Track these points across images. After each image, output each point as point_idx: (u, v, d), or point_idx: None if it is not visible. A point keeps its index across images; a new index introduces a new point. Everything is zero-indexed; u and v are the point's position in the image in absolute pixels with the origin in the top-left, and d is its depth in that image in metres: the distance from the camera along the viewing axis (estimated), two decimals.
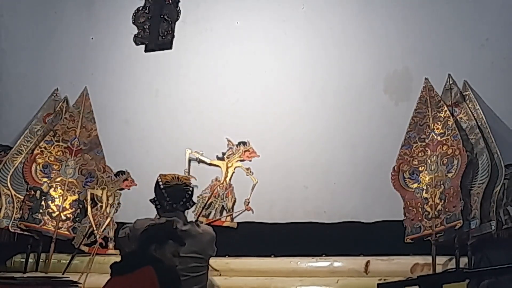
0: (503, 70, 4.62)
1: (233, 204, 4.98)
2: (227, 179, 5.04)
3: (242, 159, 5.04)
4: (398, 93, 4.91)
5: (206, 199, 4.99)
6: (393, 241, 4.45)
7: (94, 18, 6.10)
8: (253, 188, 4.95)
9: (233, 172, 5.05)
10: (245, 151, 5.04)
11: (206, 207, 4.96)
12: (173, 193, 4.24)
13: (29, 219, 5.16)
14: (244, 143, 5.09)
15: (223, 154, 5.11)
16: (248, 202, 4.93)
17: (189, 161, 5.13)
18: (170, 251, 3.64)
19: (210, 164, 5.14)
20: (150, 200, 4.29)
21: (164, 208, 4.22)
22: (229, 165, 5.05)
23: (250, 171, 5.01)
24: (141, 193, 5.24)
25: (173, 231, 3.76)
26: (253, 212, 4.92)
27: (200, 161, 5.16)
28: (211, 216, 4.96)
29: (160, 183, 4.27)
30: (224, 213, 4.93)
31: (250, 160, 5.03)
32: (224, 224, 4.94)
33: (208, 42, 5.60)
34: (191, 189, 4.31)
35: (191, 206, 4.39)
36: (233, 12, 5.59)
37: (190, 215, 4.81)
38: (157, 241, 3.61)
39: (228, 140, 5.13)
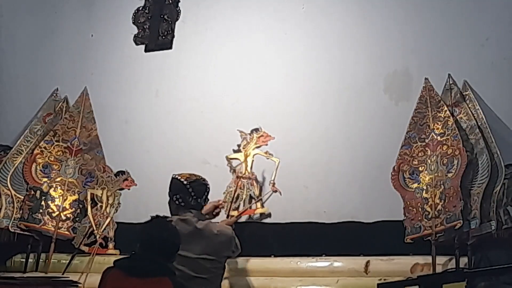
0: (503, 70, 4.62)
1: (260, 190, 4.91)
2: (248, 168, 4.97)
3: (258, 145, 4.98)
4: (398, 93, 4.91)
5: (233, 192, 4.91)
6: (393, 241, 4.45)
7: (94, 18, 6.10)
8: (276, 169, 4.86)
9: (253, 160, 4.97)
10: (259, 137, 4.99)
11: (234, 200, 4.88)
12: (197, 188, 4.19)
13: (29, 219, 5.16)
14: (256, 130, 5.02)
15: (238, 146, 5.04)
16: (274, 183, 4.84)
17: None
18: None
19: (228, 159, 5.05)
20: (171, 199, 4.19)
21: (188, 205, 4.14)
22: (247, 154, 4.97)
23: (269, 154, 4.92)
24: (141, 193, 5.26)
25: (178, 237, 3.66)
26: (280, 194, 4.82)
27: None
28: (240, 208, 4.87)
29: (183, 180, 4.19)
30: (253, 202, 4.84)
31: (267, 144, 4.95)
32: (256, 212, 4.87)
33: (208, 42, 5.60)
34: (208, 184, 4.27)
35: (205, 203, 4.31)
36: (233, 12, 5.59)
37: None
38: (175, 254, 3.60)
39: (240, 131, 5.06)
